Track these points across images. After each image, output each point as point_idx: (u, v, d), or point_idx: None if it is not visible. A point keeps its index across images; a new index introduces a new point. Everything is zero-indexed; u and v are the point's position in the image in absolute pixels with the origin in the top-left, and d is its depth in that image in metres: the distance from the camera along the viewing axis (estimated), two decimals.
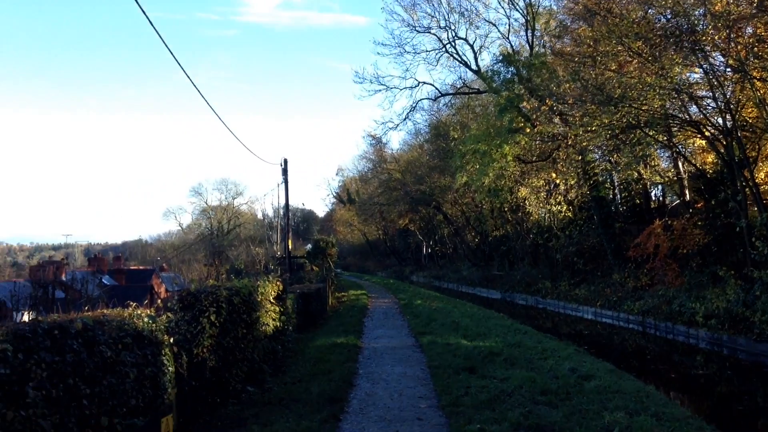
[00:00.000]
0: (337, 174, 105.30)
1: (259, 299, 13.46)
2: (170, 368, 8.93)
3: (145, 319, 8.49)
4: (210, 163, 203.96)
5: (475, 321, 24.04)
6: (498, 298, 47.23)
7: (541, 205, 43.49)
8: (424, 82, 46.78)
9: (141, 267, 66.69)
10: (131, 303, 8.76)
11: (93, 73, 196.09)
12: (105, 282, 51.95)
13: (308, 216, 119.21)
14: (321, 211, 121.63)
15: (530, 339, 19.12)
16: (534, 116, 35.17)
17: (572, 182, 39.55)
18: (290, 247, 40.01)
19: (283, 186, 38.37)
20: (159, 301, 10.71)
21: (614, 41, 24.34)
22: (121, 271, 58.47)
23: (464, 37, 45.05)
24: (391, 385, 12.64)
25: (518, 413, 9.80)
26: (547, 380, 12.13)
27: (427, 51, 45.20)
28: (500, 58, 40.51)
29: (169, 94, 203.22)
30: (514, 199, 45.14)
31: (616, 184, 40.77)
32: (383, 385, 12.64)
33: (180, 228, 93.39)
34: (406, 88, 46.55)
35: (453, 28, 44.23)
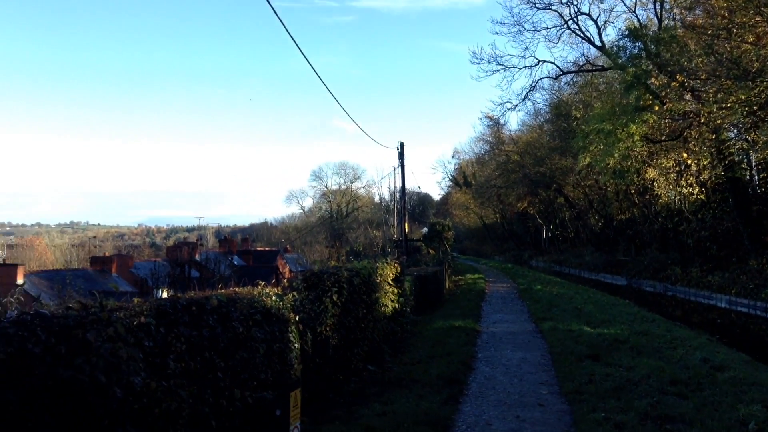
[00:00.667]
0: (453, 157, 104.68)
1: (378, 281, 13.68)
2: (296, 345, 9.28)
3: (273, 298, 8.86)
4: (329, 147, 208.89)
5: (598, 307, 23.24)
6: (623, 285, 45.32)
7: (670, 187, 41.11)
8: (545, 61, 45.09)
9: (267, 248, 69.66)
10: (260, 282, 9.15)
11: (221, 63, 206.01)
12: (234, 262, 54.73)
13: (424, 199, 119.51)
14: (436, 195, 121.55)
15: (658, 327, 18.24)
16: (663, 93, 33.19)
17: (705, 163, 37.02)
18: (406, 230, 40.31)
19: (399, 170, 38.67)
20: (285, 281, 11.14)
21: (752, 11, 22.47)
22: (249, 251, 61.26)
23: (587, 12, 43.34)
24: (510, 370, 12.48)
25: (645, 403, 9.39)
26: (676, 370, 11.54)
27: (547, 28, 43.50)
28: (626, 32, 38.47)
29: (289, 81, 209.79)
30: (641, 181, 42.95)
31: (753, 164, 37.80)
32: (502, 370, 12.51)
33: (302, 211, 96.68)
34: (525, 67, 45.07)
35: (575, 3, 42.48)
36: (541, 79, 48.77)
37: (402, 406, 9.62)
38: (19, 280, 35.65)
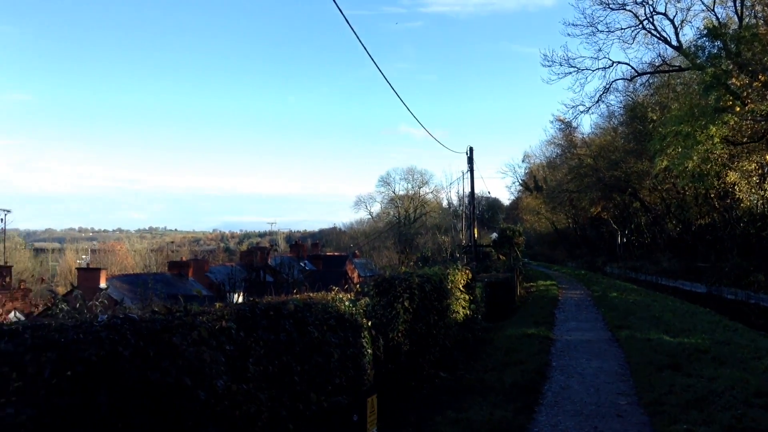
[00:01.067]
0: (523, 161, 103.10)
1: (449, 287, 13.62)
2: (369, 350, 9.34)
3: (347, 303, 8.95)
4: (397, 153, 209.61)
5: (678, 316, 22.42)
6: (703, 292, 43.51)
7: (753, 190, 39.30)
8: (619, 62, 43.92)
9: (336, 253, 70.39)
10: (333, 287, 9.26)
11: (291, 71, 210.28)
12: (304, 266, 55.53)
13: (493, 204, 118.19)
14: (505, 199, 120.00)
15: (742, 337, 17.44)
16: (744, 93, 31.78)
17: None
18: (475, 235, 39.97)
19: (468, 174, 38.40)
20: (357, 286, 11.23)
21: None
22: (319, 257, 62.08)
23: (663, 11, 41.80)
24: (586, 380, 12.18)
25: (729, 416, 8.98)
26: (762, 382, 10.98)
27: (621, 29, 42.30)
28: (705, 32, 37.01)
29: (358, 88, 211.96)
30: (722, 185, 41.23)
31: None
32: (578, 379, 12.22)
33: (370, 216, 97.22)
34: (598, 69, 44.01)
35: (651, 2, 41.18)
36: (615, 80, 47.41)
37: (475, 414, 9.53)
38: (102, 284, 37.22)
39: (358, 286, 10.88)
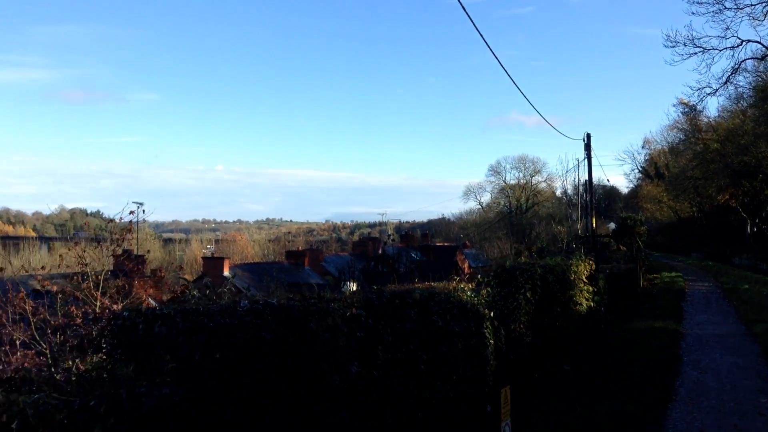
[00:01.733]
0: (642, 147, 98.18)
1: (572, 278, 13.22)
2: (491, 341, 9.23)
3: (468, 293, 8.87)
4: (507, 141, 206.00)
5: None
6: None
7: None
8: (748, 40, 40.72)
9: (445, 243, 70.18)
10: (455, 277, 9.21)
11: (398, 62, 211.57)
12: (414, 257, 55.82)
13: (610, 193, 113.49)
14: (623, 187, 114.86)
15: None
16: None
17: None
18: (593, 225, 38.57)
19: (585, 162, 37.06)
20: (479, 276, 11.11)
21: None
22: (429, 247, 62.13)
23: None
24: (721, 376, 11.47)
25: None
26: None
27: (751, 5, 39.19)
28: None
29: (466, 77, 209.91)
30: None
31: None
32: (713, 375, 11.53)
33: (480, 206, 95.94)
34: (725, 48, 40.99)
35: None
36: (744, 60, 44.12)
37: (604, 407, 9.21)
38: (226, 272, 39.06)
39: (479, 276, 10.76)
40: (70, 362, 5.93)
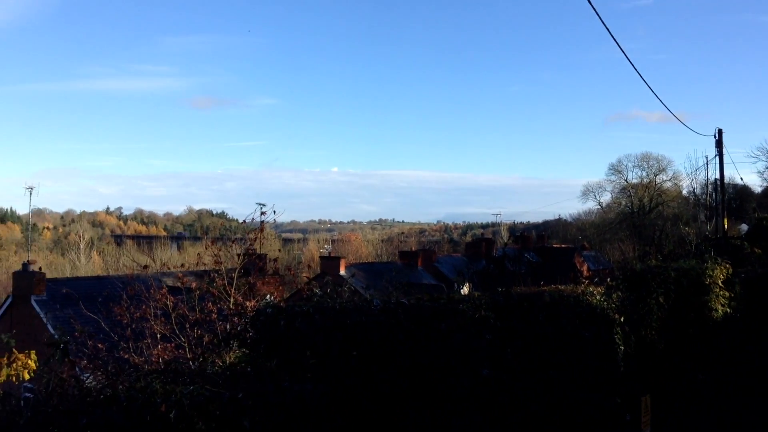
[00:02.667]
0: None
1: (707, 282, 12.44)
2: (621, 347, 8.87)
3: (598, 297, 8.57)
4: (628, 139, 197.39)
5: None
6: None
7: None
8: None
9: (562, 245, 68.29)
10: (584, 280, 8.93)
11: (514, 59, 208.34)
12: (530, 258, 54.67)
13: (741, 192, 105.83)
14: (757, 186, 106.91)
15: None
16: None
17: None
18: (725, 226, 36.24)
19: (715, 159, 34.89)
20: (607, 280, 10.70)
21: None
22: (545, 248, 60.60)
23: None
24: None
25: None
26: None
27: None
28: None
29: (582, 74, 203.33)
30: None
31: None
32: None
33: (599, 206, 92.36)
34: None
35: None
36: None
37: (741, 419, 8.61)
38: (342, 271, 39.94)
39: (609, 280, 10.36)
40: (208, 356, 6.28)
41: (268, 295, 9.87)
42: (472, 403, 5.52)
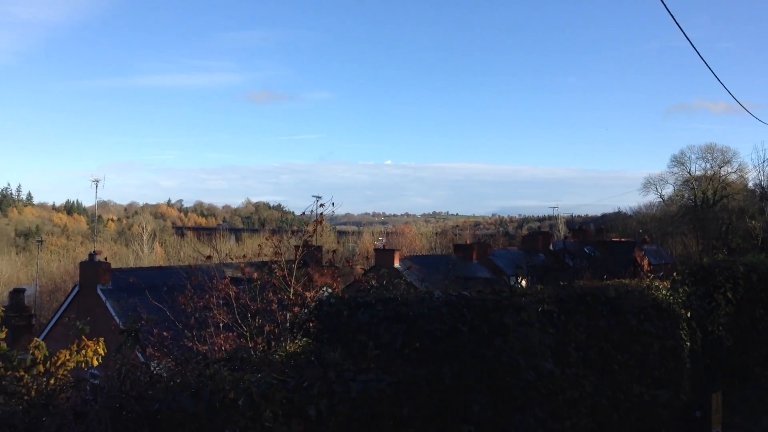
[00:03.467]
0: None
1: None
2: (687, 343, 8.63)
3: (663, 292, 8.35)
4: (691, 130, 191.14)
5: None
6: None
7: None
8: None
9: (622, 239, 66.82)
10: (650, 275, 8.71)
11: (571, 50, 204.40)
12: (588, 252, 53.63)
13: None
14: None
15: None
16: None
17: None
18: None
19: None
20: (673, 275, 10.41)
21: None
22: (604, 242, 59.38)
23: None
24: None
25: None
26: None
27: None
28: None
29: (641, 64, 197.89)
30: None
31: None
32: None
33: (661, 199, 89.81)
34: None
35: None
36: None
37: None
38: (396, 264, 40.04)
39: (674, 274, 10.08)
40: (273, 345, 6.38)
41: (325, 287, 9.99)
42: (534, 398, 5.45)
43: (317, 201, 11.11)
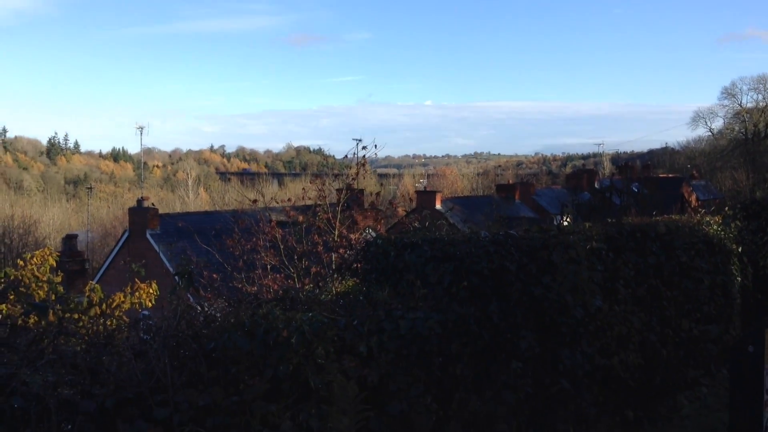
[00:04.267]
0: None
1: None
2: (738, 278, 8.48)
3: (715, 227, 8.17)
4: (743, 60, 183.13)
5: None
6: None
7: None
8: None
9: (669, 175, 65.30)
10: (701, 209, 8.52)
11: None
12: (635, 189, 52.54)
13: None
14: None
15: None
16: None
17: None
18: None
19: None
20: (725, 209, 10.15)
21: None
22: (651, 179, 58.00)
23: None
24: None
25: None
26: None
27: None
28: None
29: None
30: None
31: None
32: None
33: (710, 133, 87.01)
34: None
35: None
36: None
37: None
38: (438, 205, 39.99)
39: (726, 209, 9.83)
40: (322, 284, 6.48)
41: (369, 229, 10.07)
42: (583, 335, 5.45)
43: (358, 144, 11.08)
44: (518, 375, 4.75)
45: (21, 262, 6.90)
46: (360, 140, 11.09)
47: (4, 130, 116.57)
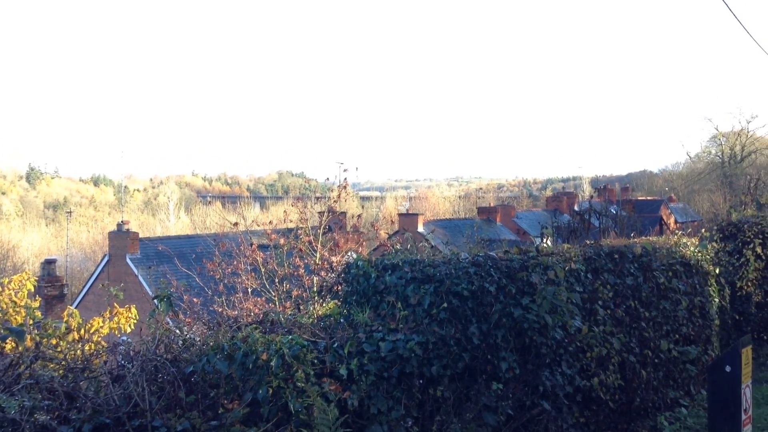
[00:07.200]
0: None
1: None
2: (716, 299, 8.59)
3: (692, 248, 8.28)
4: (720, 88, 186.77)
5: None
6: None
7: None
8: None
9: (648, 198, 66.09)
10: (677, 232, 8.64)
11: None
12: (614, 212, 52.91)
13: None
14: None
15: None
16: None
17: None
18: None
19: None
20: (701, 231, 10.30)
21: None
22: (629, 201, 58.75)
23: None
24: None
25: None
26: None
27: None
28: None
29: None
30: None
31: None
32: None
33: (688, 157, 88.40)
34: None
35: None
36: None
37: None
38: (420, 228, 40.05)
39: (703, 231, 9.98)
40: (302, 307, 6.46)
41: (350, 251, 10.08)
42: (562, 355, 5.48)
43: (341, 166, 11.14)
44: (499, 397, 4.76)
45: None
46: (342, 163, 11.15)
47: None
